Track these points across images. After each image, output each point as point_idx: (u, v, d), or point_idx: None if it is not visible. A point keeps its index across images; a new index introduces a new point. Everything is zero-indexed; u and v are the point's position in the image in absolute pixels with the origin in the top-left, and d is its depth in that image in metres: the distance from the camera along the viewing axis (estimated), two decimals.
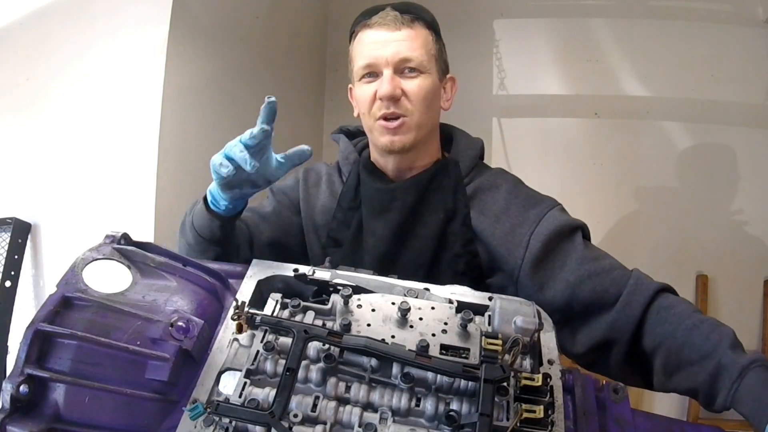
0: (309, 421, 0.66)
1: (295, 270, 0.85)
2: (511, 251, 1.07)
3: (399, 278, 0.86)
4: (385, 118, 1.10)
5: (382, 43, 1.10)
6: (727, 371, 0.86)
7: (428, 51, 1.12)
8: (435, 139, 1.20)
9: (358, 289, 0.82)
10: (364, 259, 1.13)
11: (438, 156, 1.20)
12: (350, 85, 1.21)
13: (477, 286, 0.98)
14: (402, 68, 1.10)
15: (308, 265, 0.89)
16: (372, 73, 1.11)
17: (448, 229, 1.12)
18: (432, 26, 1.15)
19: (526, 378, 0.69)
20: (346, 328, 0.73)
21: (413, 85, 1.10)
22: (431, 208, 1.13)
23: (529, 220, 1.08)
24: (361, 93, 1.13)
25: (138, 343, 0.69)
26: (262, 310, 0.77)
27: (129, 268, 0.79)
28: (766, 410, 0.78)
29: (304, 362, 0.70)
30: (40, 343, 0.67)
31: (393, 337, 0.74)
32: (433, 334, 0.75)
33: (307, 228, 1.21)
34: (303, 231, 1.22)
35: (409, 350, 0.69)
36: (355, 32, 1.16)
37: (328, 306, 0.79)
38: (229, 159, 0.91)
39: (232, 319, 0.72)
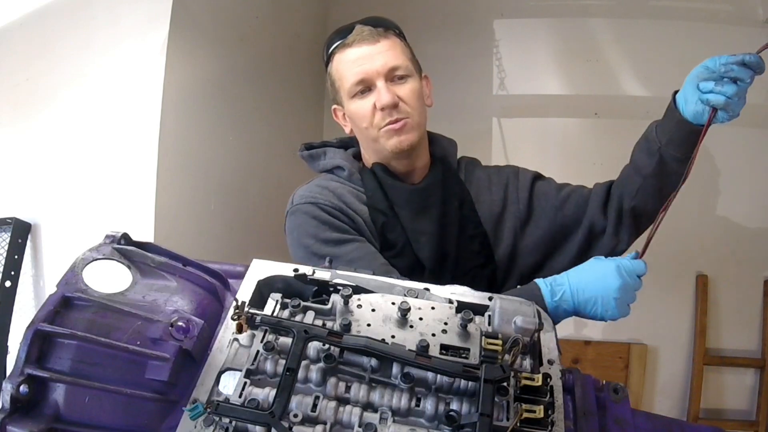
0: (309, 421, 0.66)
1: (295, 270, 0.85)
2: (508, 206, 1.28)
3: (398, 278, 0.87)
4: (389, 124, 1.18)
5: (368, 57, 1.17)
6: (650, 141, 1.19)
7: (407, 56, 1.22)
8: (426, 137, 1.29)
9: (358, 289, 0.82)
10: (419, 258, 1.21)
11: (428, 155, 1.30)
12: (334, 107, 1.28)
13: (489, 261, 1.25)
14: (392, 76, 1.18)
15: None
16: (365, 88, 1.18)
17: (462, 214, 1.25)
18: (400, 34, 1.25)
19: (526, 378, 0.69)
20: (346, 328, 0.73)
21: (406, 90, 1.19)
22: (449, 199, 1.25)
23: (509, 178, 1.31)
24: (358, 108, 1.19)
25: (138, 343, 0.69)
26: (262, 310, 0.77)
27: (129, 268, 0.79)
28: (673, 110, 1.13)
29: (304, 362, 0.70)
30: (40, 343, 0.67)
31: (393, 337, 0.74)
32: (433, 334, 0.75)
33: (369, 239, 1.23)
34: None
35: (409, 350, 0.69)
36: (332, 55, 1.22)
37: (328, 306, 0.79)
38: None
39: (232, 319, 0.72)
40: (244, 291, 0.82)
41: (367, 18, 1.22)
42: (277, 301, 0.79)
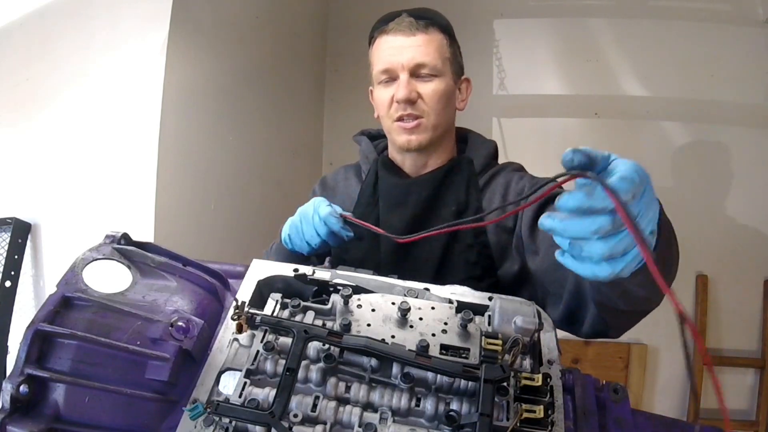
0: (309, 421, 0.66)
1: (295, 270, 0.85)
2: (517, 222, 1.13)
3: (399, 278, 0.86)
4: (402, 119, 1.15)
5: (398, 48, 1.15)
6: None
7: (442, 54, 1.17)
8: (450, 138, 1.25)
9: (358, 289, 0.82)
10: (380, 252, 1.17)
11: (453, 155, 1.25)
12: (371, 88, 1.26)
13: (489, 275, 1.12)
14: (418, 72, 1.15)
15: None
16: (389, 78, 1.16)
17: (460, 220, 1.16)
18: (446, 30, 1.20)
19: (526, 378, 0.69)
20: (346, 328, 0.73)
21: (428, 89, 1.15)
22: (444, 202, 1.18)
23: (523, 190, 1.16)
24: (380, 96, 1.19)
25: (138, 343, 0.69)
26: (262, 310, 0.77)
27: (129, 268, 0.79)
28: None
29: (304, 362, 0.70)
30: (40, 343, 0.67)
31: (393, 337, 0.74)
32: (433, 334, 0.75)
33: None
34: None
35: (409, 350, 0.69)
36: (373, 38, 1.21)
37: (328, 306, 0.79)
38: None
39: (232, 319, 0.72)
40: (244, 291, 0.82)
41: (416, 8, 1.20)
42: (277, 301, 0.79)
